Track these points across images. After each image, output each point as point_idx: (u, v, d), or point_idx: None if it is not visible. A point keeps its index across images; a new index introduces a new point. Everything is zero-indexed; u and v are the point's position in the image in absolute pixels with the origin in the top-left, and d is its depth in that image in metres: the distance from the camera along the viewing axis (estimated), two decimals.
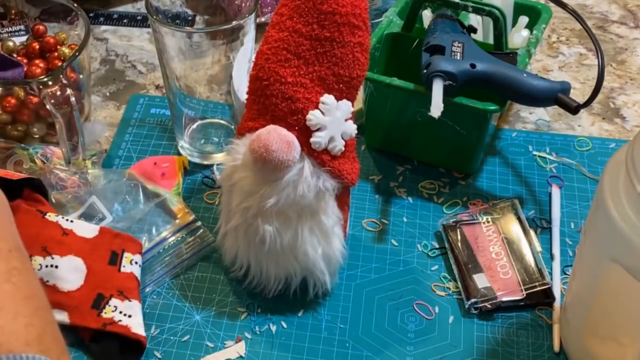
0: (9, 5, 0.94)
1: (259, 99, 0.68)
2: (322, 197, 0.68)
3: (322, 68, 0.66)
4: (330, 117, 0.67)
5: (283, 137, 0.65)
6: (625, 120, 0.94)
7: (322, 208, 0.68)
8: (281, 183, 0.66)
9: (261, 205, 0.67)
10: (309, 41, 0.66)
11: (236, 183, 0.68)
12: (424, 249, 0.79)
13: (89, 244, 0.73)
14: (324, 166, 0.67)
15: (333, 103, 0.67)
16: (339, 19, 0.66)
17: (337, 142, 0.67)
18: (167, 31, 0.76)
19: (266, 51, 0.67)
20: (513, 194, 0.84)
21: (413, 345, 0.71)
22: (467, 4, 0.81)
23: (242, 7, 0.81)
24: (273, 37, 0.67)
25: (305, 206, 0.67)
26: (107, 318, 0.69)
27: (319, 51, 0.66)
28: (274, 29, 0.68)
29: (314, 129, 0.66)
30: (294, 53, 0.66)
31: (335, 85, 0.67)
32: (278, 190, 0.66)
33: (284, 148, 0.65)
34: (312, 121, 0.66)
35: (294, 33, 0.66)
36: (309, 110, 0.66)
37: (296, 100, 0.66)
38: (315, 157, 0.67)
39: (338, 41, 0.66)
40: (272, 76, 0.67)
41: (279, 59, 0.66)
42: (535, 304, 0.74)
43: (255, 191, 0.67)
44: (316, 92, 0.67)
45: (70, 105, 0.78)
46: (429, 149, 0.85)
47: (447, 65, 0.74)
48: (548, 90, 0.76)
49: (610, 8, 1.11)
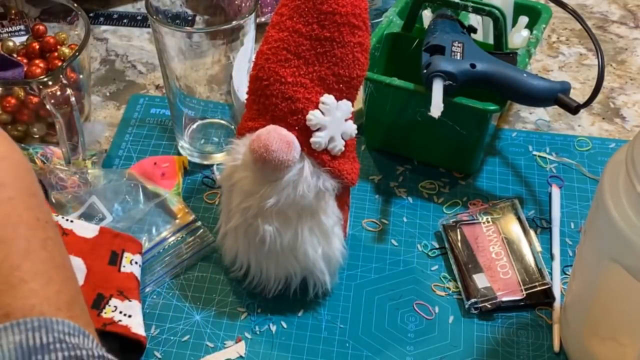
0: (9, 5, 0.94)
1: (259, 99, 0.68)
2: (322, 197, 0.68)
3: (322, 68, 0.66)
4: (330, 117, 0.67)
5: (283, 137, 0.65)
6: (625, 120, 0.94)
7: (322, 208, 0.68)
8: (281, 183, 0.66)
9: (261, 205, 0.67)
10: (309, 41, 0.66)
11: (236, 183, 0.68)
12: (424, 249, 0.79)
13: (89, 244, 0.73)
14: (324, 166, 0.67)
15: (333, 103, 0.67)
16: (339, 19, 0.66)
17: (337, 142, 0.67)
18: (167, 31, 0.76)
19: (266, 51, 0.67)
20: (513, 194, 0.84)
21: (413, 345, 0.71)
22: (467, 4, 0.81)
23: (242, 7, 0.81)
24: (273, 37, 0.67)
25: (306, 206, 0.67)
26: (107, 318, 0.69)
27: (319, 51, 0.66)
28: (274, 29, 0.68)
29: (314, 129, 0.66)
30: (294, 53, 0.66)
31: (336, 85, 0.67)
32: (278, 190, 0.66)
33: (284, 148, 0.65)
34: (312, 121, 0.66)
35: (294, 33, 0.66)
36: (309, 110, 0.66)
37: (296, 100, 0.66)
38: (315, 157, 0.67)
39: (338, 41, 0.66)
40: (272, 76, 0.67)
41: (279, 59, 0.67)
42: (535, 304, 0.74)
43: (255, 191, 0.67)
44: (316, 92, 0.67)
45: (70, 105, 0.78)
46: (429, 149, 0.85)
47: (447, 65, 0.74)
48: (548, 90, 0.76)
49: (610, 8, 1.11)
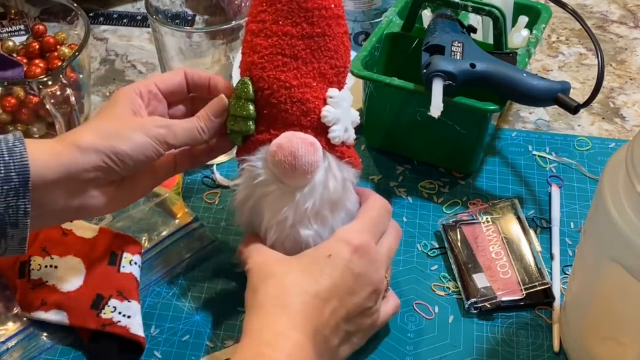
0: (9, 5, 0.94)
1: (264, 110, 0.67)
2: (347, 188, 0.68)
3: (321, 64, 0.66)
4: (341, 110, 0.67)
5: (306, 141, 0.65)
6: (625, 120, 0.94)
7: (348, 198, 0.68)
8: (313, 186, 0.65)
9: (298, 214, 0.66)
10: (302, 41, 0.66)
11: (260, 200, 0.67)
12: (424, 249, 0.79)
13: (89, 244, 0.73)
14: (344, 158, 0.67)
15: (340, 95, 0.67)
16: (326, 13, 0.66)
17: (350, 131, 0.68)
18: (167, 31, 0.76)
19: (259, 61, 0.66)
20: (513, 194, 0.84)
21: (413, 345, 0.71)
22: (467, 4, 0.81)
23: (242, 7, 0.82)
24: (262, 45, 0.66)
25: (337, 200, 0.67)
26: (107, 319, 0.69)
27: (314, 48, 0.66)
28: (259, 37, 0.66)
29: (330, 125, 0.66)
30: (290, 56, 0.66)
31: (335, 77, 0.67)
32: (312, 193, 0.65)
33: (310, 151, 0.64)
34: (328, 117, 0.66)
35: (285, 36, 0.65)
36: (320, 108, 0.66)
37: (306, 102, 0.66)
38: (335, 150, 0.67)
39: (329, 35, 0.66)
40: (275, 84, 0.66)
41: (277, 65, 0.66)
42: (535, 304, 0.74)
43: (289, 202, 0.66)
44: (321, 89, 0.67)
45: (70, 105, 0.79)
46: (429, 149, 0.85)
47: (447, 65, 0.74)
48: (548, 90, 0.76)
49: (610, 8, 1.11)
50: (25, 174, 0.60)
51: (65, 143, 0.63)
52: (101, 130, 0.64)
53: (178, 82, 0.71)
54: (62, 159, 0.62)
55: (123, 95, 0.68)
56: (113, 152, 0.64)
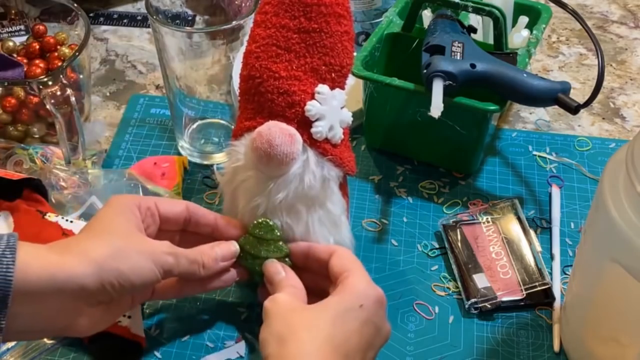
0: (9, 5, 0.94)
1: (253, 98, 0.68)
2: (327, 186, 0.68)
3: (314, 59, 0.67)
4: (328, 106, 0.67)
5: (285, 131, 0.65)
6: (625, 120, 0.94)
7: (328, 197, 0.68)
8: (288, 177, 0.66)
9: (270, 202, 0.66)
10: (298, 34, 0.66)
11: (240, 185, 0.68)
12: (424, 249, 0.79)
13: None
14: (326, 155, 0.67)
15: (329, 92, 0.67)
16: (325, 10, 0.66)
17: (336, 130, 0.68)
18: (167, 31, 0.76)
19: (255, 50, 0.67)
20: (513, 194, 0.84)
21: (413, 345, 0.71)
22: (467, 4, 0.81)
23: (242, 7, 0.81)
24: (260, 35, 0.67)
25: (314, 197, 0.67)
26: None
27: (308, 43, 0.67)
28: (260, 27, 0.68)
29: (314, 119, 0.66)
30: (284, 48, 0.67)
31: (328, 75, 0.67)
32: (285, 185, 0.66)
33: (287, 141, 0.65)
34: (311, 111, 0.66)
35: (282, 28, 0.67)
36: (306, 101, 0.66)
37: (292, 94, 0.66)
38: (317, 146, 0.67)
39: (326, 31, 0.67)
40: (265, 73, 0.67)
41: (270, 55, 0.67)
42: (535, 304, 0.74)
43: (262, 189, 0.66)
44: (310, 84, 0.67)
45: (70, 105, 0.78)
46: (429, 149, 0.85)
47: (447, 65, 0.74)
48: (548, 90, 0.76)
49: (610, 8, 1.11)
50: (6, 289, 0.54)
51: (67, 253, 0.58)
52: (108, 245, 0.60)
53: (177, 212, 0.68)
54: (56, 273, 0.56)
55: (125, 206, 0.64)
56: (116, 274, 0.59)
